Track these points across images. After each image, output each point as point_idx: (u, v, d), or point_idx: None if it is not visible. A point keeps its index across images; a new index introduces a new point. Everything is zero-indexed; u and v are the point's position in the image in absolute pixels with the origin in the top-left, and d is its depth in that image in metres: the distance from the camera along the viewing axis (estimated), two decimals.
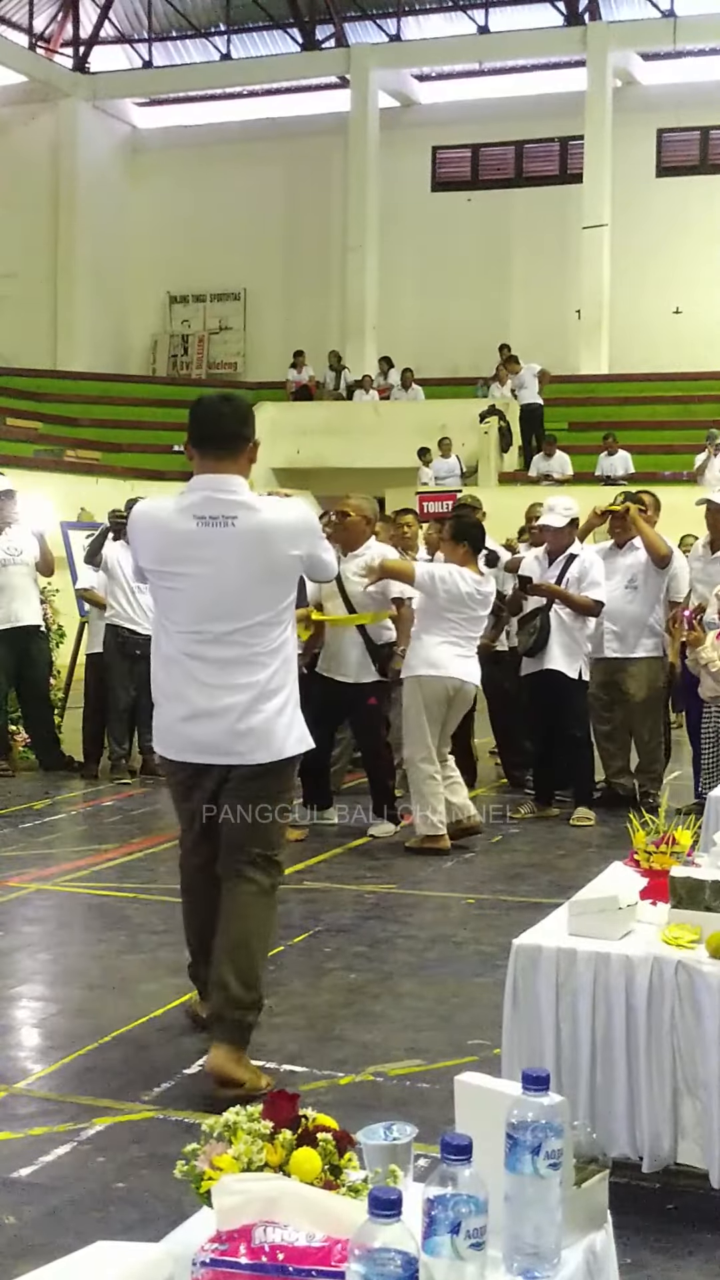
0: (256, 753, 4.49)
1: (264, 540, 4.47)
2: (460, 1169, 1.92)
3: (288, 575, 4.56)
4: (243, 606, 4.45)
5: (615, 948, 3.59)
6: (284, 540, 4.50)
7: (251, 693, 4.45)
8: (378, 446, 22.45)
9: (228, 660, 4.46)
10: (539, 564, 8.98)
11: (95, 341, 28.13)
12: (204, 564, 4.42)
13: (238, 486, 4.50)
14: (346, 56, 27.13)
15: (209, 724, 4.47)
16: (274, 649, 4.52)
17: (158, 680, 4.63)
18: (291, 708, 4.57)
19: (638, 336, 24.40)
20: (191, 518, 4.45)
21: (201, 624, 4.46)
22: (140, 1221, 3.45)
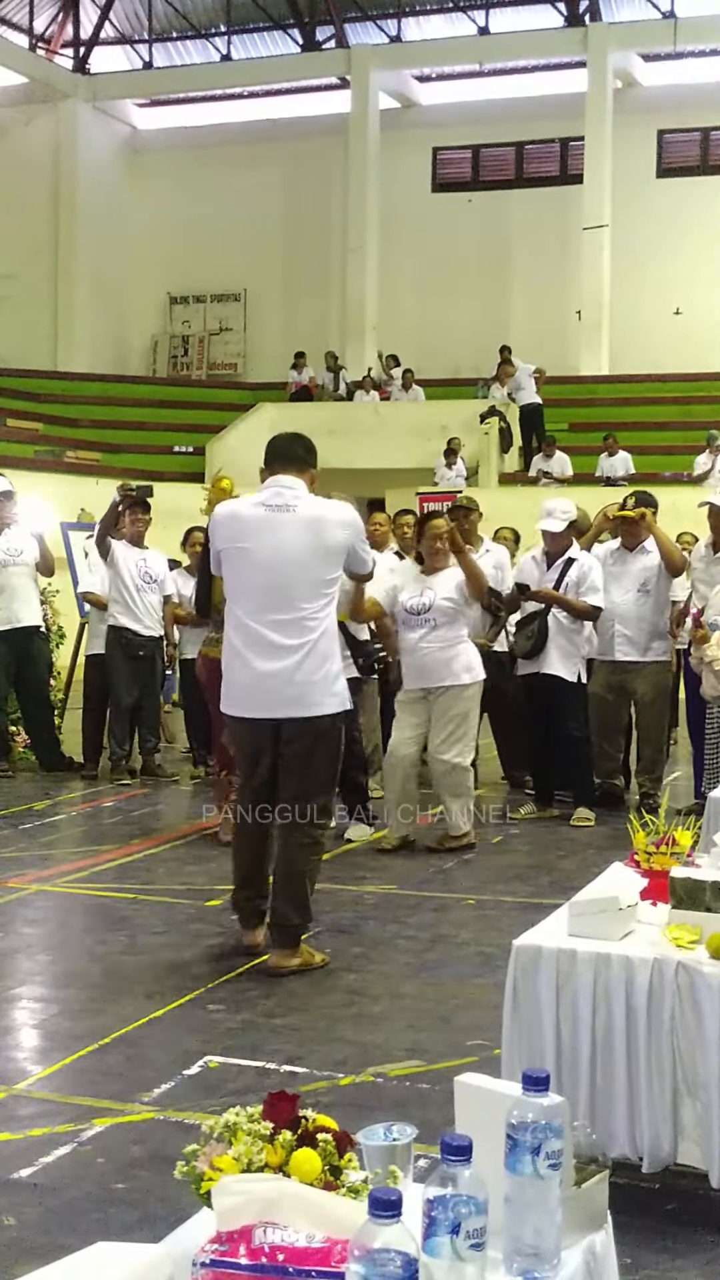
0: (303, 708, 5.52)
1: (317, 523, 5.60)
2: (460, 1170, 1.92)
3: (335, 555, 5.65)
4: (299, 576, 5.53)
5: (615, 948, 3.59)
6: (334, 526, 5.65)
7: (302, 653, 5.48)
8: (378, 447, 22.44)
9: (283, 622, 5.50)
10: (537, 567, 8.96)
11: (95, 342, 28.13)
12: (266, 540, 5.54)
13: (299, 486, 5.65)
14: (347, 57, 27.13)
15: (267, 682, 5.50)
16: (321, 616, 5.58)
17: (228, 643, 5.68)
18: (334, 670, 5.62)
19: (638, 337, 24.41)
20: (261, 506, 5.64)
21: (265, 592, 5.52)
22: (140, 1222, 3.45)
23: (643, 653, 8.99)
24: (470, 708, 8.16)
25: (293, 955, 5.63)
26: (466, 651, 8.14)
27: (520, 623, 8.96)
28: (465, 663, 8.11)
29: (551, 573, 8.84)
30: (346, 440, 22.91)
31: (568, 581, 8.78)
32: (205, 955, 5.92)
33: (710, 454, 20.01)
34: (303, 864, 5.69)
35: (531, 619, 8.84)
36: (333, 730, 5.66)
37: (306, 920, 5.71)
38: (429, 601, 8.09)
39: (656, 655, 9.03)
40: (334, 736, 5.69)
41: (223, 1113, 2.19)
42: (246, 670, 5.57)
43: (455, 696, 8.06)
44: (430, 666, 8.07)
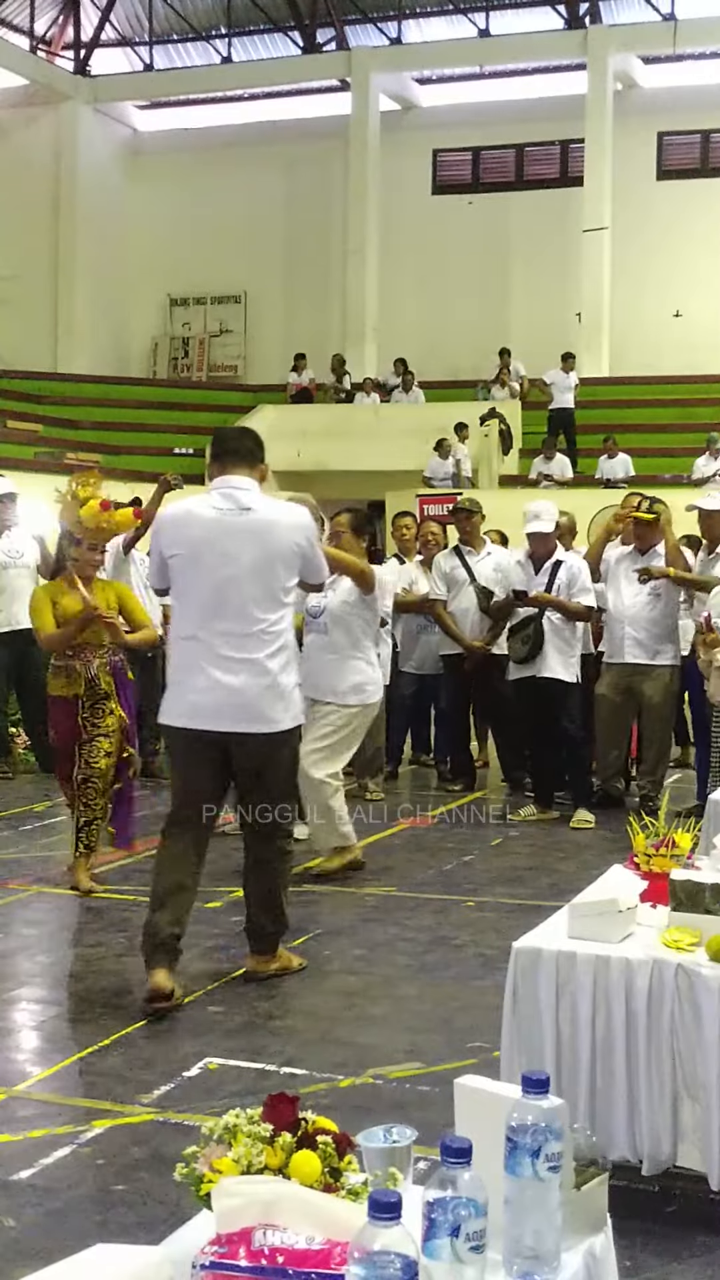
0: (257, 723, 5.25)
1: (274, 528, 5.31)
2: (460, 1172, 1.93)
3: (287, 563, 5.32)
4: (249, 584, 5.22)
5: (615, 951, 3.59)
6: (291, 530, 5.35)
7: (254, 664, 5.20)
8: (378, 449, 22.42)
9: (237, 635, 5.21)
10: (524, 571, 8.97)
11: (96, 344, 28.13)
12: (219, 547, 5.22)
13: (250, 486, 5.36)
14: (347, 59, 27.13)
15: (220, 694, 5.19)
16: (279, 628, 5.29)
17: (174, 657, 5.39)
18: (290, 683, 5.34)
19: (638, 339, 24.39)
20: (211, 509, 5.30)
21: (217, 602, 5.21)
22: (140, 1224, 3.45)
23: (652, 655, 8.99)
24: (347, 730, 7.45)
25: (270, 959, 5.60)
26: (361, 670, 7.47)
27: (514, 628, 8.94)
28: (354, 683, 7.44)
29: (541, 576, 8.87)
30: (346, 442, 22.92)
31: (558, 583, 8.81)
32: (205, 956, 5.92)
33: (710, 456, 19.99)
34: (275, 873, 5.61)
35: (526, 624, 8.83)
36: (289, 745, 5.49)
37: (283, 927, 5.67)
38: (324, 604, 7.50)
39: (666, 658, 9.02)
40: (290, 751, 5.54)
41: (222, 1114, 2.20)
42: (198, 682, 5.24)
43: (331, 712, 7.43)
44: (315, 676, 7.29)
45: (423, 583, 10.34)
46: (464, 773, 10.25)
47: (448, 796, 9.85)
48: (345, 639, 7.48)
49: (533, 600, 8.75)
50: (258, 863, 5.58)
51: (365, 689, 7.51)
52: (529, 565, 8.98)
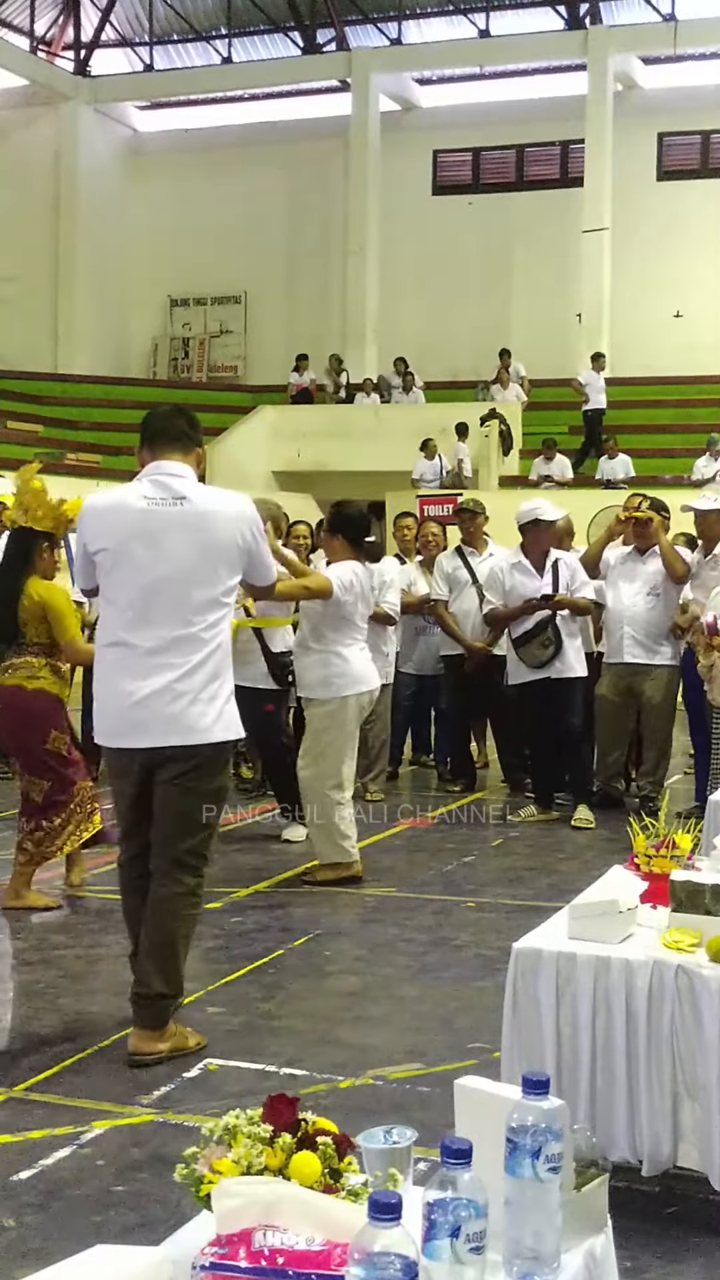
0: (184, 734, 4.62)
1: (208, 522, 4.68)
2: (460, 1173, 1.92)
3: (229, 560, 4.73)
4: (184, 584, 4.63)
5: (615, 951, 3.59)
6: (227, 525, 4.72)
7: (183, 670, 4.60)
8: (378, 450, 22.46)
9: (170, 640, 4.61)
10: (524, 573, 8.90)
11: (96, 344, 28.15)
12: (151, 541, 4.62)
13: (185, 473, 4.74)
14: (347, 60, 27.14)
15: (144, 704, 4.59)
16: (215, 631, 4.70)
17: (99, 667, 4.79)
18: (224, 693, 4.72)
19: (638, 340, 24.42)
20: (142, 499, 4.67)
21: (144, 601, 4.61)
22: (140, 1225, 3.45)
23: (651, 655, 8.98)
24: (325, 725, 7.32)
25: (159, 1036, 4.67)
26: (330, 663, 7.29)
27: (529, 634, 8.82)
28: (322, 676, 7.30)
29: (545, 576, 8.83)
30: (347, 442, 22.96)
31: (564, 581, 8.79)
32: (205, 957, 5.91)
33: (710, 457, 20.02)
34: (174, 919, 4.74)
35: (543, 627, 8.76)
36: (216, 762, 4.73)
37: (176, 992, 4.77)
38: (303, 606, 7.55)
39: (665, 658, 9.01)
40: (218, 769, 4.77)
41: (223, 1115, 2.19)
42: (122, 693, 4.61)
43: (313, 710, 7.39)
44: (300, 674, 7.47)
45: (422, 584, 10.34)
46: (464, 773, 10.25)
47: (448, 797, 9.85)
48: (313, 635, 7.35)
49: (557, 604, 8.71)
50: (157, 903, 4.74)
51: (333, 682, 7.25)
52: (528, 566, 8.92)
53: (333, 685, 7.27)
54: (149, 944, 4.72)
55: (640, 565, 9.05)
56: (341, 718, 7.30)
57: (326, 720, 7.30)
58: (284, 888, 7.24)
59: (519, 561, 8.99)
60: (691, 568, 8.92)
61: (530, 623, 8.79)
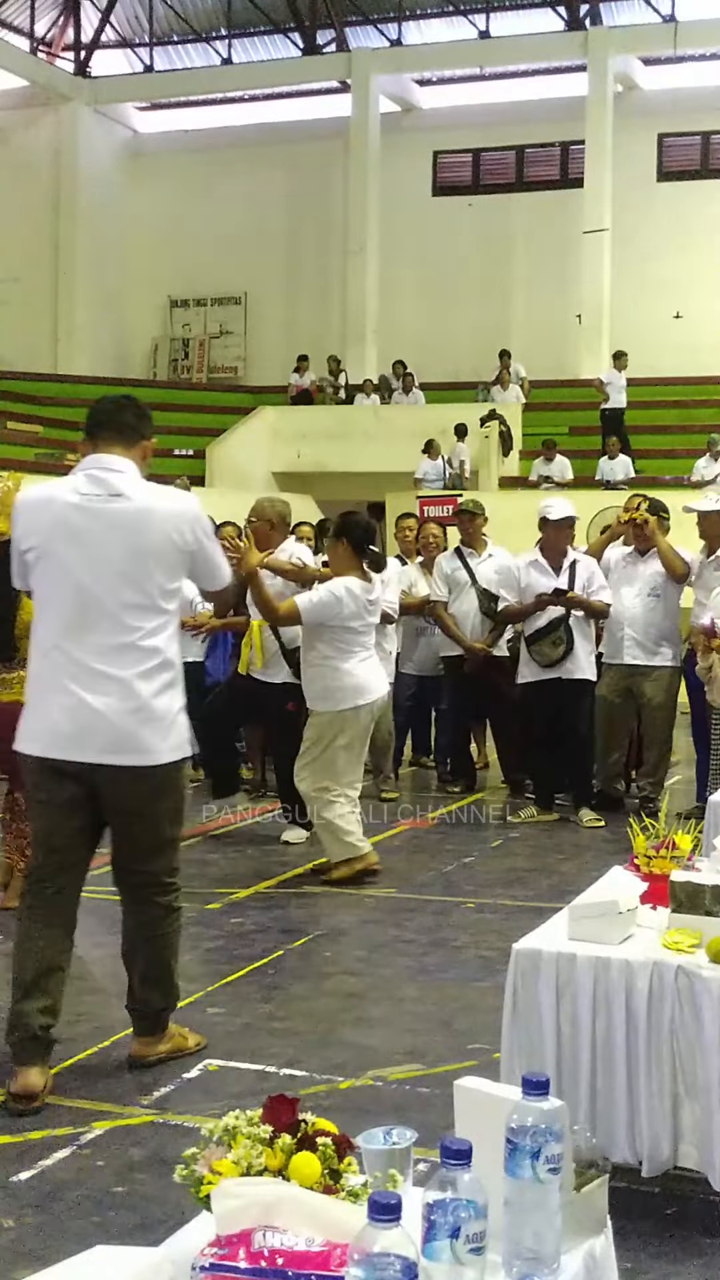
0: (134, 756, 4.33)
1: (143, 521, 4.35)
2: (460, 1173, 1.92)
3: (166, 562, 4.38)
4: (116, 588, 4.31)
5: (615, 952, 3.59)
6: (167, 524, 4.38)
7: (127, 685, 4.28)
8: (378, 451, 22.46)
9: (105, 647, 4.29)
10: (540, 571, 8.91)
11: (96, 345, 28.14)
12: (79, 540, 4.31)
13: (126, 468, 4.42)
14: (347, 61, 27.14)
15: (84, 718, 4.27)
16: (158, 638, 4.36)
17: (32, 673, 4.46)
18: (174, 708, 4.40)
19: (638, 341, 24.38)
20: (75, 494, 4.36)
21: (77, 605, 4.30)
22: (140, 1226, 3.45)
23: (652, 656, 9.00)
24: (319, 735, 7.35)
25: (158, 1040, 4.66)
26: (324, 676, 7.33)
27: (541, 632, 8.83)
28: (319, 689, 7.36)
29: (561, 576, 8.83)
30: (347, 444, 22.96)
31: (580, 582, 8.78)
32: (205, 958, 5.91)
33: (711, 458, 20.00)
34: (163, 941, 4.62)
35: (555, 626, 8.78)
36: (171, 780, 4.46)
37: (174, 1002, 4.71)
38: None
39: (665, 659, 9.02)
40: (174, 786, 4.49)
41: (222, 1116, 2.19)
42: (59, 702, 4.30)
43: (312, 721, 7.45)
44: (304, 682, 7.53)
45: (422, 584, 10.34)
46: (464, 774, 10.25)
47: (448, 798, 9.85)
48: (309, 647, 7.43)
49: (569, 600, 8.70)
50: (140, 928, 4.61)
51: (331, 695, 7.29)
52: (545, 565, 8.92)
53: (331, 698, 7.33)
54: (142, 969, 4.60)
55: (640, 566, 9.05)
56: (343, 728, 7.33)
57: (322, 730, 7.36)
58: (284, 889, 7.24)
59: (536, 559, 9.00)
60: (693, 568, 8.92)
61: (543, 620, 8.80)
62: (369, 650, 7.46)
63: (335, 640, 7.29)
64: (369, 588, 7.38)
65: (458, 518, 10.20)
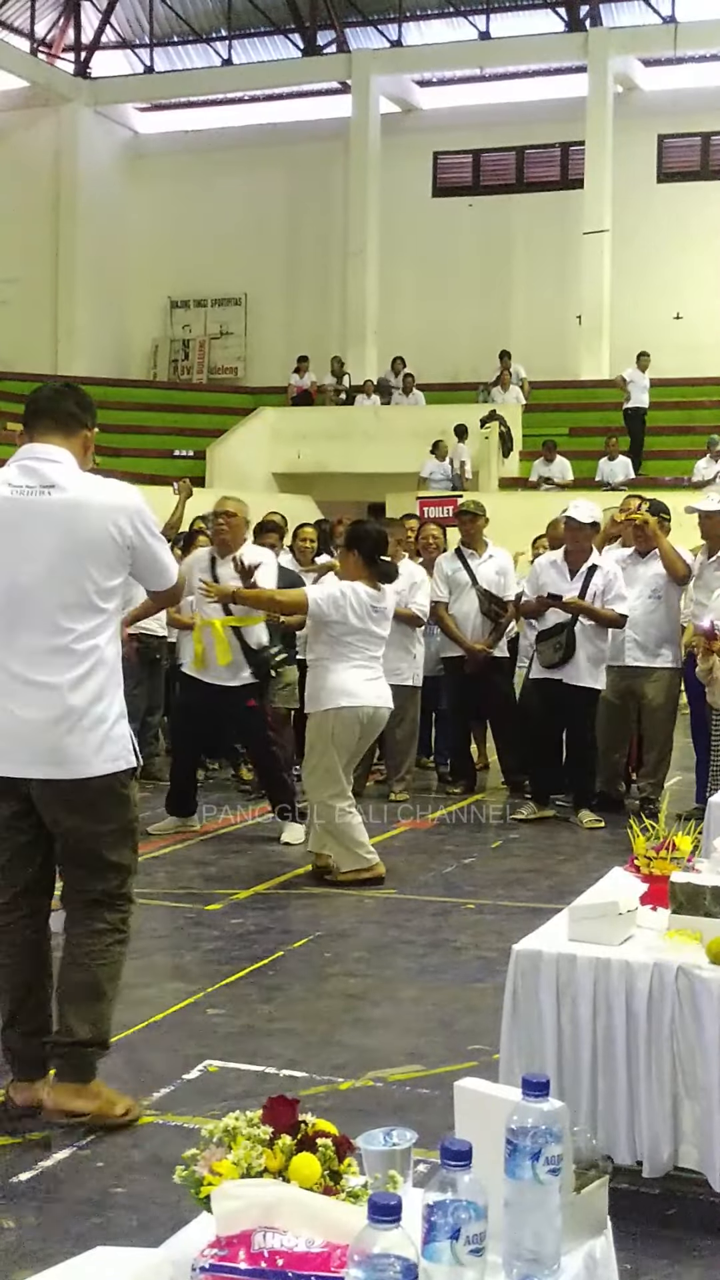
0: (63, 768, 4.03)
1: (78, 514, 4.05)
2: (460, 1174, 1.92)
3: (102, 558, 4.07)
4: (48, 586, 4.02)
5: (615, 953, 3.59)
6: (104, 514, 4.08)
7: (58, 691, 4.00)
8: (378, 451, 22.49)
9: (37, 651, 4.01)
10: (558, 572, 8.91)
11: (96, 346, 28.15)
12: (15, 536, 4.03)
13: (63, 458, 4.13)
14: (348, 62, 27.15)
15: (14, 728, 4.01)
16: (95, 641, 4.07)
17: None
18: (110, 717, 4.09)
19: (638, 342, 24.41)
20: (6, 486, 4.07)
21: (12, 608, 4.02)
22: (139, 1227, 3.45)
23: (652, 658, 9.00)
24: (313, 737, 7.36)
25: (80, 1093, 4.08)
26: (318, 677, 7.32)
27: (546, 633, 8.85)
28: (313, 690, 7.36)
29: (576, 580, 8.80)
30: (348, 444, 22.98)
31: (593, 589, 8.73)
32: (205, 959, 5.91)
33: (711, 459, 20.02)
34: (95, 958, 4.15)
35: (559, 629, 8.78)
36: (110, 796, 4.10)
37: (103, 1039, 4.16)
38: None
39: (666, 661, 9.03)
40: (115, 804, 4.12)
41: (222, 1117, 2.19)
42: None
43: (310, 725, 7.43)
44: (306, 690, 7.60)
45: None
46: (464, 775, 10.25)
47: (448, 798, 9.85)
48: (308, 648, 7.47)
49: (568, 605, 8.70)
50: (79, 942, 4.17)
51: (318, 695, 7.29)
52: (564, 567, 8.92)
53: (318, 698, 7.34)
54: (68, 985, 4.13)
55: (641, 568, 9.05)
56: (326, 730, 7.31)
57: (314, 732, 7.39)
58: (284, 889, 7.24)
59: (556, 560, 9.02)
60: (694, 569, 8.92)
61: (550, 621, 8.81)
62: (369, 665, 7.38)
63: (334, 643, 7.28)
64: (378, 596, 7.35)
65: (458, 519, 10.22)
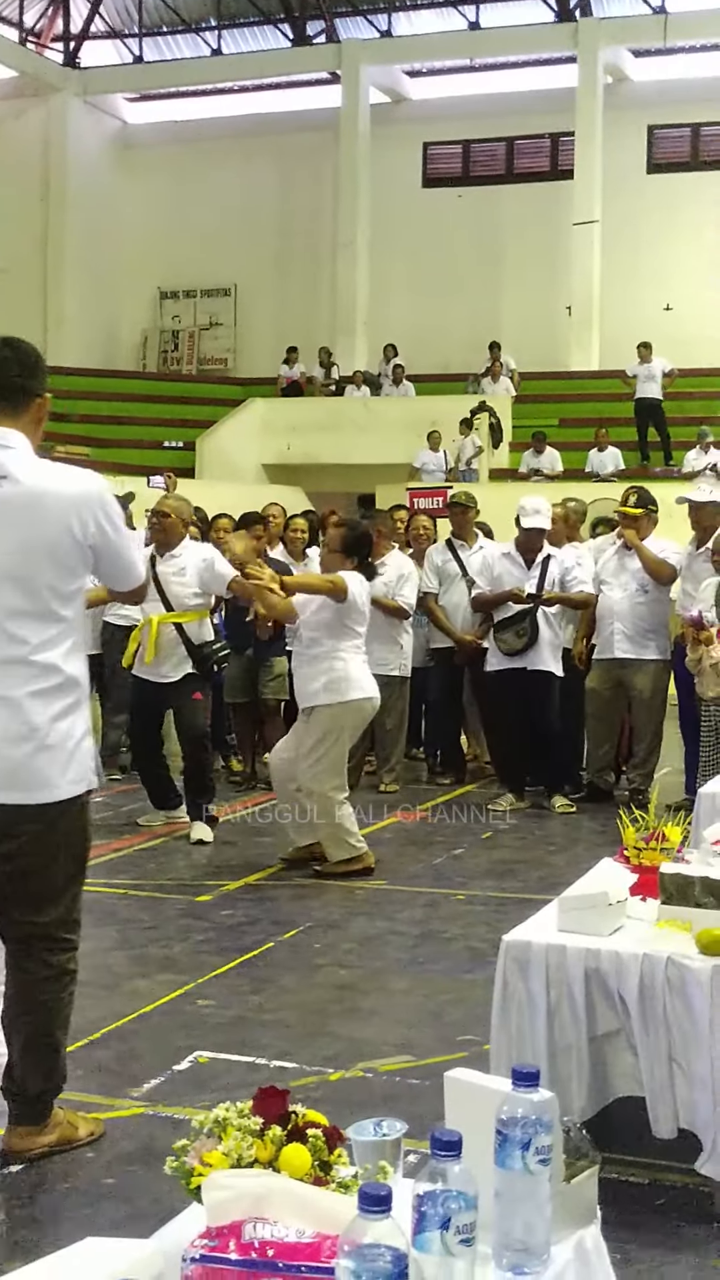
0: (24, 791, 3.69)
1: (35, 508, 3.65)
2: (450, 1165, 1.93)
3: (67, 555, 3.70)
4: (8, 591, 3.65)
5: (605, 944, 3.59)
6: (65, 507, 3.68)
7: (14, 706, 3.65)
8: (368, 443, 22.46)
9: None
10: (512, 563, 9.06)
11: (85, 337, 28.06)
12: None
13: (14, 442, 3.70)
14: (337, 52, 27.07)
15: None
16: (46, 655, 3.68)
17: None
18: (75, 734, 3.76)
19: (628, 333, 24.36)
20: None
21: None
22: (130, 1218, 3.45)
23: (641, 649, 9.04)
24: (326, 729, 7.28)
25: (40, 1131, 3.83)
26: (334, 669, 7.28)
27: (506, 621, 8.96)
28: (326, 681, 7.27)
29: (534, 570, 8.97)
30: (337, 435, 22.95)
31: (551, 578, 8.92)
32: (195, 950, 5.92)
33: (700, 450, 20.02)
34: (46, 1011, 3.85)
35: (520, 617, 8.88)
36: (68, 818, 3.78)
37: (58, 1083, 3.90)
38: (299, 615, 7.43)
39: (656, 653, 9.07)
40: (72, 828, 3.81)
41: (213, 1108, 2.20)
42: None
43: (316, 716, 7.32)
44: (300, 685, 7.44)
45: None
46: (454, 766, 10.27)
47: (438, 790, 9.86)
48: (312, 643, 7.36)
49: (550, 600, 8.83)
50: (21, 991, 3.84)
51: (338, 685, 7.27)
52: (518, 559, 9.04)
53: (336, 690, 7.29)
54: (21, 1042, 3.83)
55: (629, 560, 9.09)
56: (343, 722, 7.32)
57: (330, 724, 7.30)
58: (274, 881, 7.24)
59: (510, 551, 9.12)
60: (682, 560, 8.94)
61: (511, 610, 8.90)
62: (362, 653, 7.47)
63: (347, 634, 7.32)
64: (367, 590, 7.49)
65: (450, 510, 10.25)
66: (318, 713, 7.32)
